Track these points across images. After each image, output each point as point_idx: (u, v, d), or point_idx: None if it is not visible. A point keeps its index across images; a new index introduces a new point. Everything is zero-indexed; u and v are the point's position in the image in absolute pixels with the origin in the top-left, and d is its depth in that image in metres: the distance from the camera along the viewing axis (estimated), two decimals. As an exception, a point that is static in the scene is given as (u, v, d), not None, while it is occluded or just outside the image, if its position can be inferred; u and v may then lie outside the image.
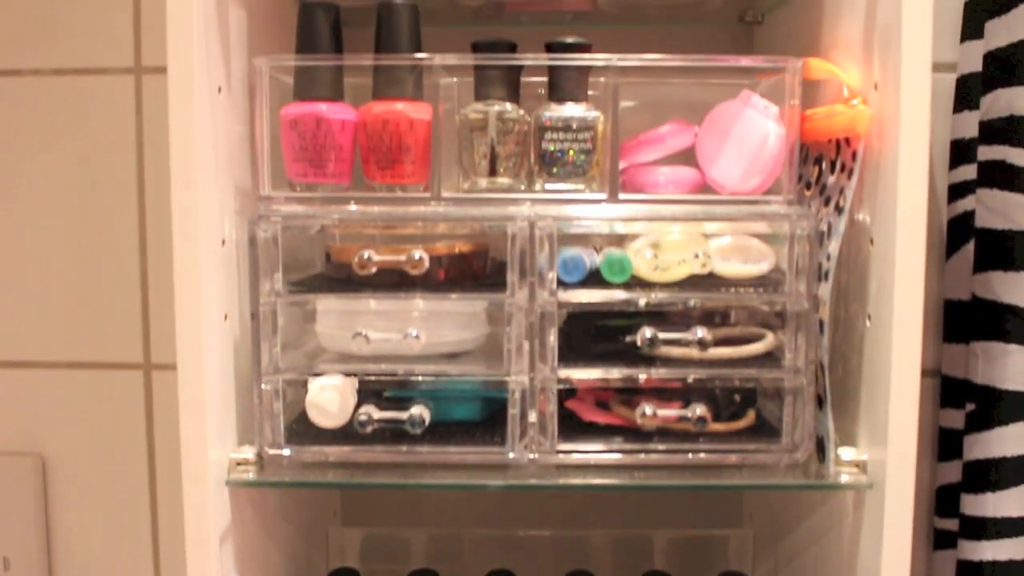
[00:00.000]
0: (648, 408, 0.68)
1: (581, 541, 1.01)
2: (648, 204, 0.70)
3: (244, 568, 0.72)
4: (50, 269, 1.00)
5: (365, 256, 0.68)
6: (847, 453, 0.67)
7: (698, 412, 0.68)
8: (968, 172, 0.87)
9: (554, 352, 0.68)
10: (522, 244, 0.68)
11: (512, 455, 0.69)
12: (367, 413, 0.69)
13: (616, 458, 0.69)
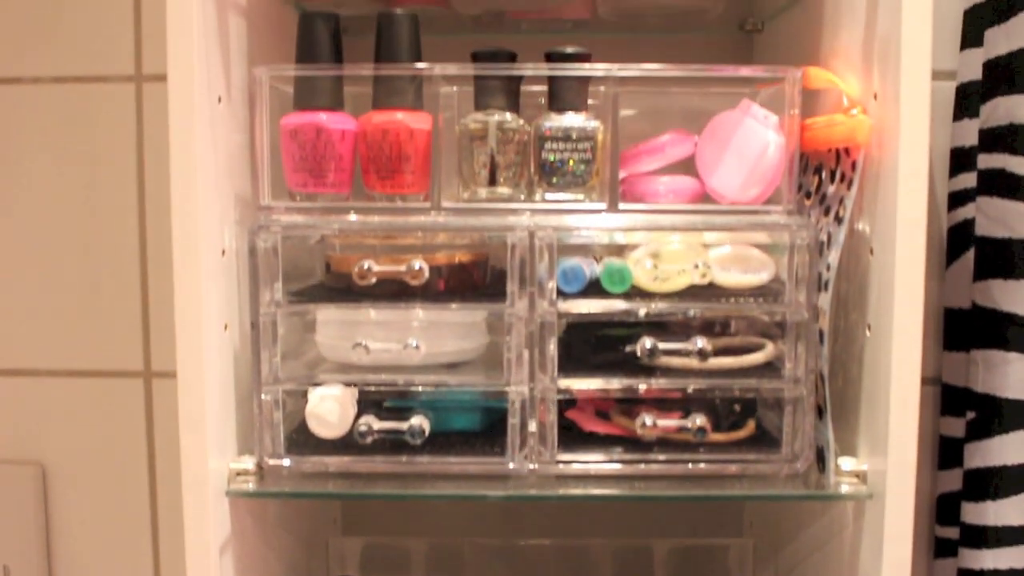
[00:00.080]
0: (648, 419, 0.68)
1: (581, 551, 1.01)
2: (648, 214, 0.70)
3: (244, 578, 0.72)
4: (50, 277, 1.00)
5: (365, 266, 0.68)
6: (847, 463, 0.67)
7: (698, 422, 0.68)
8: (968, 180, 0.87)
9: (554, 362, 0.68)
10: (522, 254, 0.68)
11: (512, 465, 0.69)
12: (367, 424, 0.68)
13: (616, 468, 0.69)
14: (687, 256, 0.68)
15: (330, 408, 0.68)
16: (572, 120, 0.70)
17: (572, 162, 0.70)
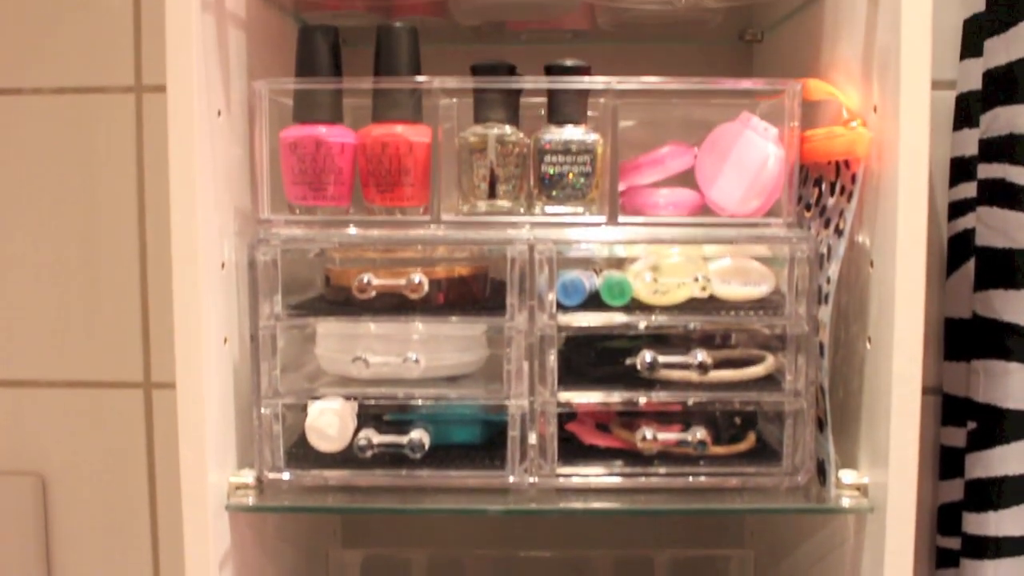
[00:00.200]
0: (648, 432, 0.68)
1: (582, 562, 1.01)
2: (648, 227, 0.70)
3: (244, 591, 0.72)
4: (50, 287, 1.00)
5: (364, 280, 0.67)
6: (848, 476, 0.67)
7: (698, 436, 0.68)
8: (968, 190, 0.87)
9: (554, 375, 0.68)
10: (522, 267, 0.67)
11: (512, 479, 0.69)
12: (367, 437, 0.68)
13: (616, 481, 0.69)
14: (687, 269, 0.68)
15: (330, 421, 0.68)
16: (572, 133, 0.70)
17: (572, 175, 0.70)
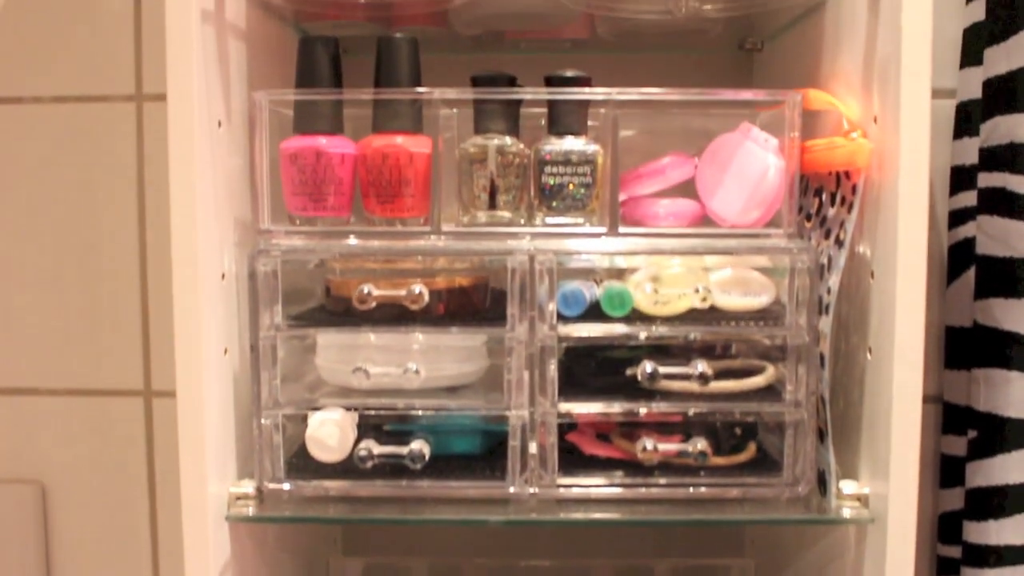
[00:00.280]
0: (649, 443, 0.68)
1: (582, 571, 1.01)
2: (648, 238, 0.70)
3: (244, 602, 0.72)
4: (50, 296, 1.00)
5: (365, 291, 0.67)
6: (849, 486, 0.67)
7: (699, 446, 0.68)
8: (968, 198, 0.87)
9: (554, 385, 0.68)
10: (522, 278, 0.67)
11: (513, 489, 0.69)
12: (367, 448, 0.68)
13: (617, 492, 0.69)
14: (687, 280, 0.68)
15: (330, 432, 0.68)
16: (572, 144, 0.70)
17: (572, 186, 0.70)
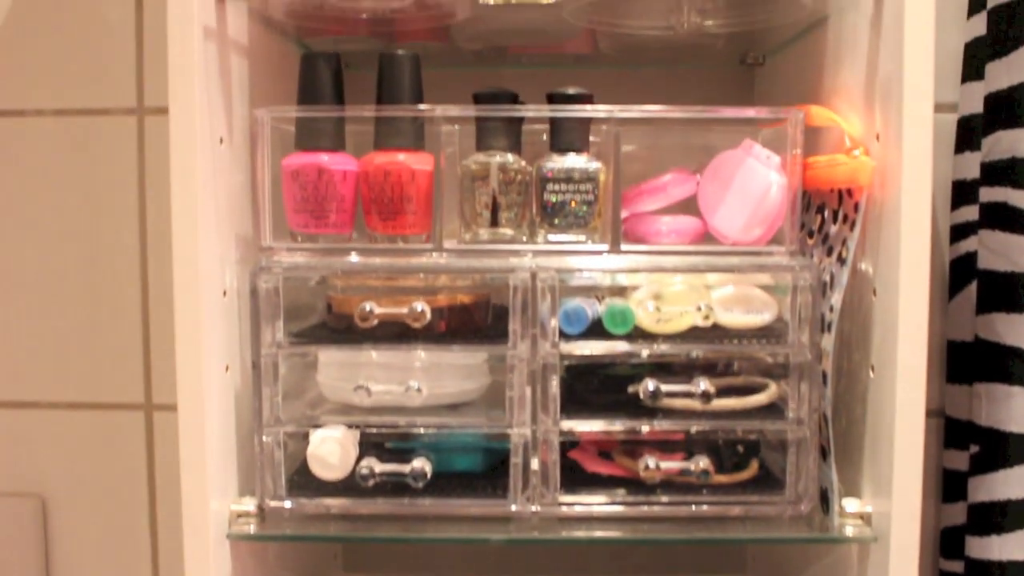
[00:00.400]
0: (651, 461, 0.68)
1: (584, 587, 1.01)
2: (650, 255, 0.70)
3: (245, 619, 0.72)
4: (51, 309, 1.00)
5: (366, 308, 0.67)
6: (851, 504, 0.67)
7: (701, 464, 0.68)
8: (970, 213, 0.87)
9: (556, 403, 0.68)
10: (524, 295, 0.67)
11: (515, 507, 0.68)
12: (369, 466, 0.68)
13: (619, 510, 0.69)
14: (690, 297, 0.68)
15: (331, 450, 0.68)
16: (574, 161, 0.70)
17: (574, 203, 0.69)
